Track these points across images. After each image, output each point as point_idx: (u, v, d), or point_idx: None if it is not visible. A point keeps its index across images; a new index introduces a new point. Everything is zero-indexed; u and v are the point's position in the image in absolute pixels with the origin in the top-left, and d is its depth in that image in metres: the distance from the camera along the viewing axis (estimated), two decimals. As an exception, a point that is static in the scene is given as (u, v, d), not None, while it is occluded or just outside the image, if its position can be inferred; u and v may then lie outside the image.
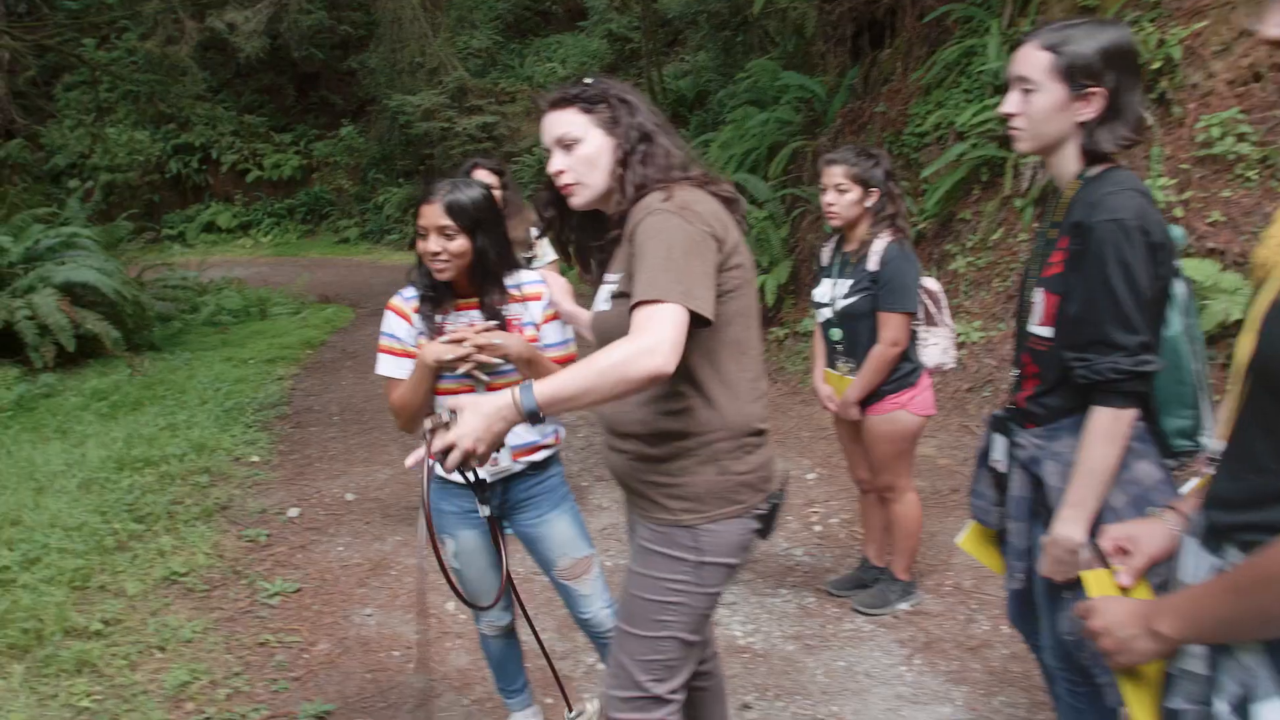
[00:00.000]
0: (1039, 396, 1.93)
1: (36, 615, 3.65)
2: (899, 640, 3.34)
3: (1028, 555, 2.01)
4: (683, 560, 1.86)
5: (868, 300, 3.19)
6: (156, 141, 20.34)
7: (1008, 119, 1.87)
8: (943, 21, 7.10)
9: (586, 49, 19.80)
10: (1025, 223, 5.86)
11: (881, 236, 3.19)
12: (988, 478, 2.16)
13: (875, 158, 3.22)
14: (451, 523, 2.55)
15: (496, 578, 2.63)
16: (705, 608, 1.91)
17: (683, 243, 1.69)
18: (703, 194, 1.83)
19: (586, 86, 1.90)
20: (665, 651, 1.90)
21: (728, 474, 1.85)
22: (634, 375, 1.58)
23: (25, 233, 8.51)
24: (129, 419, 6.44)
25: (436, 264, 2.34)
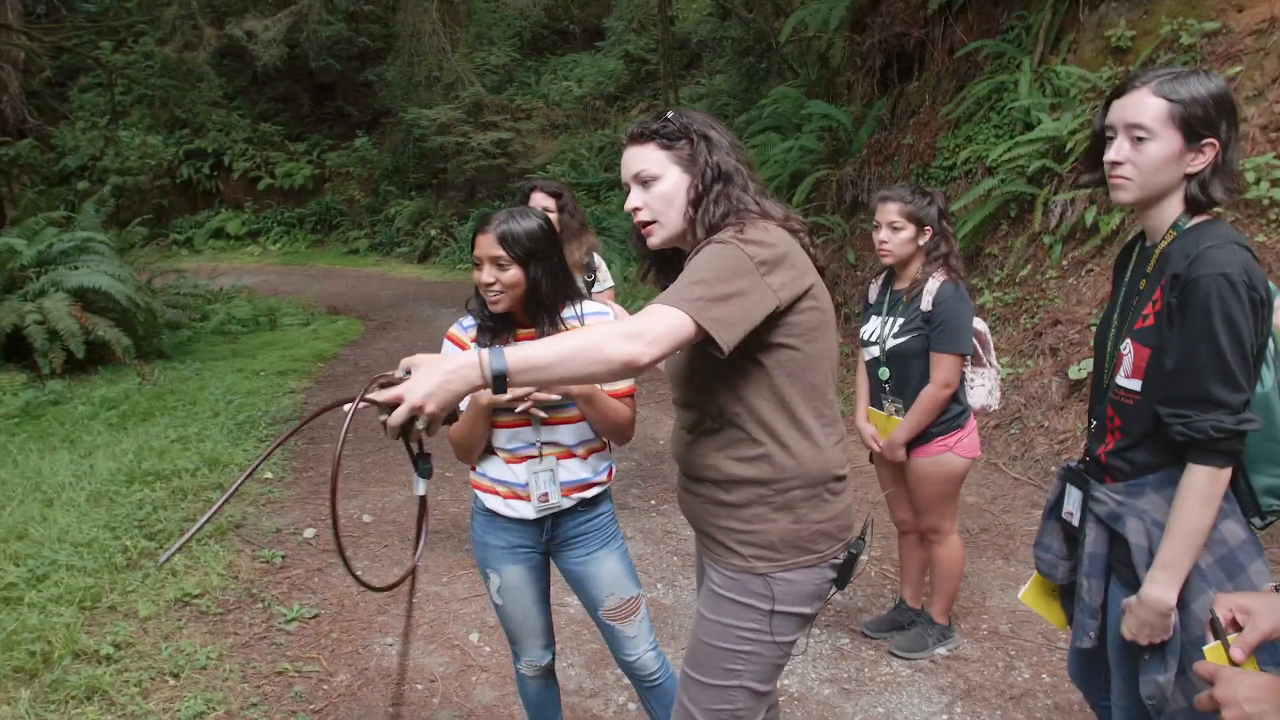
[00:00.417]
0: (1122, 451, 1.86)
1: (45, 636, 3.54)
2: (938, 687, 3.24)
3: (1101, 613, 1.93)
4: (755, 609, 1.81)
5: (920, 340, 3.12)
6: (169, 146, 20.37)
7: (1112, 167, 1.79)
8: (973, 57, 7.09)
9: (603, 69, 19.88)
10: (1054, 260, 5.80)
11: (935, 276, 3.13)
12: (1056, 531, 2.08)
13: (930, 195, 3.17)
14: (497, 557, 2.47)
15: (540, 616, 2.56)
16: (777, 657, 1.85)
17: (724, 266, 1.64)
18: (779, 231, 1.77)
19: (667, 122, 1.84)
20: (734, 701, 1.84)
21: (804, 522, 1.80)
22: (608, 356, 1.51)
23: (39, 236, 8.44)
24: (139, 430, 6.34)
25: (490, 295, 2.29)
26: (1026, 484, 4.95)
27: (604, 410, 2.32)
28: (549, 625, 2.61)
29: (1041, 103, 6.14)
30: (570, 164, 16.77)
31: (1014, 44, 6.76)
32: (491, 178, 18.00)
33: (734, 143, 1.87)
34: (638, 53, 19.11)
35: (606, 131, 17.58)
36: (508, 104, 19.40)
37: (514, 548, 2.46)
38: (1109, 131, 1.80)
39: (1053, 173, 5.93)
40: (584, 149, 17.23)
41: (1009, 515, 4.63)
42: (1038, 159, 5.94)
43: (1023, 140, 6.03)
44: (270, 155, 21.29)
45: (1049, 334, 5.43)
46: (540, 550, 2.48)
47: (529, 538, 2.45)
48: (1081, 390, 5.14)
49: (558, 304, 2.36)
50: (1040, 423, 5.22)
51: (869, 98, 8.32)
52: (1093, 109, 5.82)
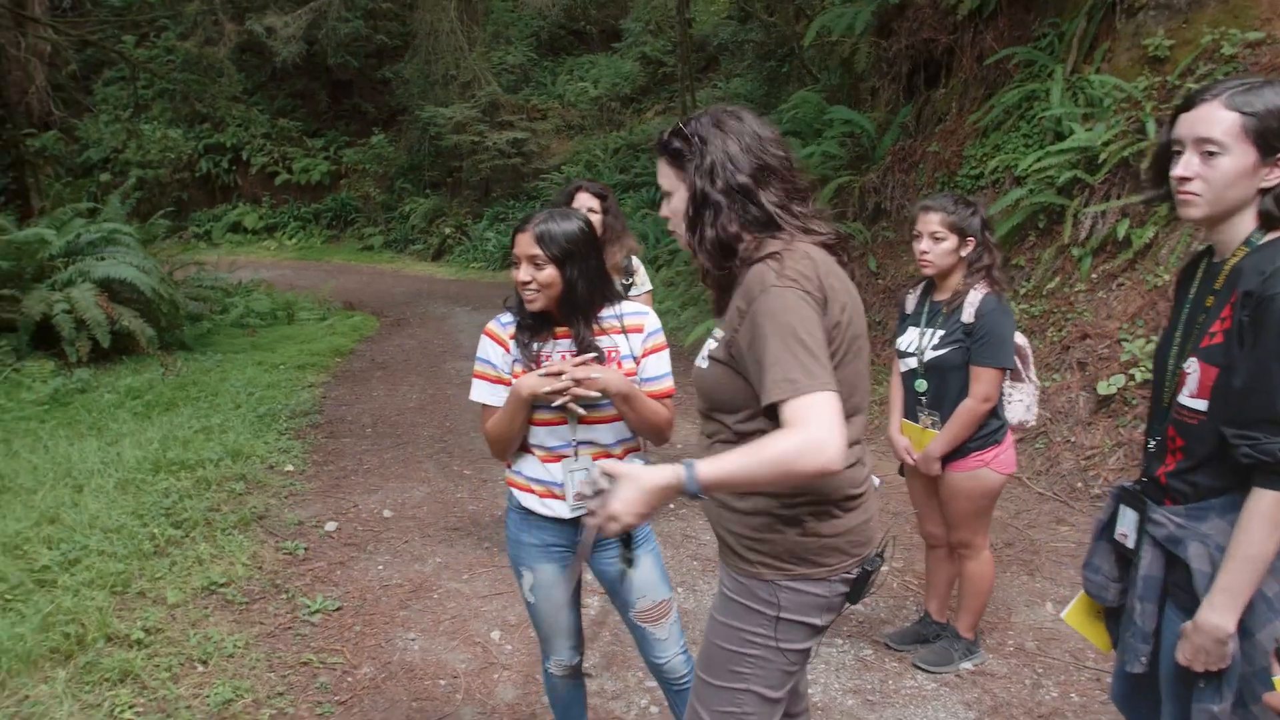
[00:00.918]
0: (1184, 473, 1.82)
1: (78, 619, 3.57)
2: (964, 702, 3.23)
3: (1155, 638, 1.91)
4: (760, 613, 1.81)
5: (960, 353, 3.09)
6: (189, 140, 20.48)
7: (1180, 183, 1.76)
8: (1003, 64, 7.06)
9: (620, 70, 19.89)
10: (1083, 273, 5.78)
11: (977, 288, 3.10)
12: (1107, 552, 2.04)
13: (974, 206, 3.14)
14: (531, 556, 2.48)
15: (571, 616, 2.57)
16: (785, 664, 1.84)
17: (800, 318, 1.62)
18: (810, 250, 1.73)
19: (674, 136, 1.81)
20: (741, 705, 1.84)
21: (812, 536, 1.78)
22: (802, 470, 1.53)
23: (67, 226, 8.50)
24: (163, 419, 6.37)
25: (526, 293, 2.30)
26: (1052, 499, 4.93)
27: (643, 411, 2.33)
28: (579, 626, 2.61)
29: (1074, 112, 6.11)
30: (585, 165, 16.78)
31: (1046, 52, 6.73)
32: (506, 177, 18.04)
33: (753, 144, 1.77)
34: (655, 55, 19.12)
35: (622, 133, 17.60)
36: (524, 104, 19.43)
37: (548, 546, 2.45)
38: (1176, 146, 1.75)
39: (1084, 184, 5.91)
40: (599, 150, 17.24)
41: (1034, 530, 4.62)
42: (1068, 170, 5.91)
43: (1053, 150, 6.00)
44: (288, 151, 21.39)
45: (1077, 348, 5.41)
46: (574, 550, 2.48)
47: (563, 537, 2.45)
48: (1110, 406, 5.12)
49: (593, 306, 2.36)
50: (1066, 438, 5.20)
51: (894, 104, 8.31)
52: (1128, 119, 5.79)
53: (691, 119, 1.82)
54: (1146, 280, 5.43)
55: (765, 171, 1.77)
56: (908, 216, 7.50)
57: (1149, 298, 5.37)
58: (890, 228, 7.77)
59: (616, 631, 3.69)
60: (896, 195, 7.63)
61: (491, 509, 5.14)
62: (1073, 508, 4.81)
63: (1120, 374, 5.13)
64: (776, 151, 1.79)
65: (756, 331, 1.65)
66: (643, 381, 2.38)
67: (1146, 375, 5.00)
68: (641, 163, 15.70)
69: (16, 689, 3.19)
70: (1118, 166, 5.77)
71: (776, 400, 1.58)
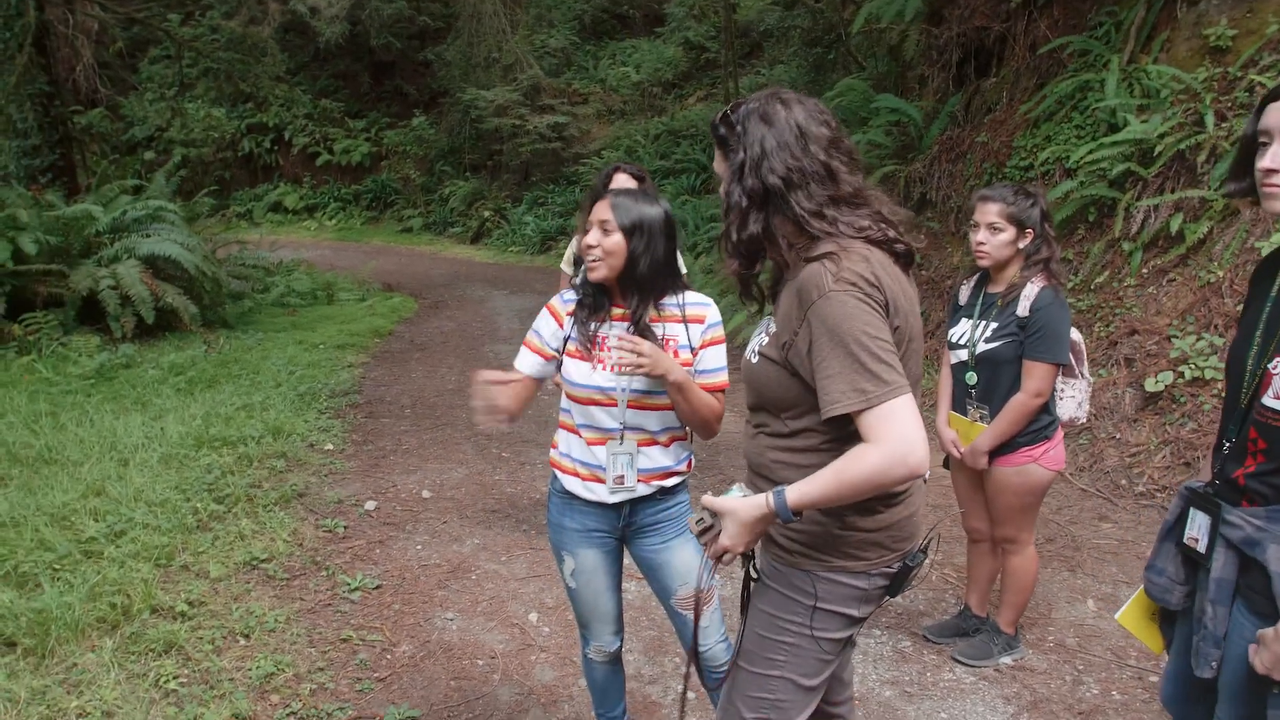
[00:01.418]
0: (1266, 475, 1.75)
1: (124, 590, 3.64)
2: (1003, 696, 3.19)
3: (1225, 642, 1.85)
4: (798, 602, 1.81)
5: (1013, 346, 3.04)
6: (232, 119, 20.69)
7: (1267, 175, 1.69)
8: (1056, 54, 6.92)
9: (662, 56, 19.76)
10: (1133, 268, 5.66)
11: (1035, 281, 3.03)
12: (1173, 554, 1.98)
13: (1034, 197, 3.07)
14: (572, 540, 2.48)
15: (612, 601, 2.57)
16: (820, 653, 1.83)
17: (865, 328, 1.58)
18: (868, 251, 1.68)
19: (724, 119, 1.77)
20: (774, 691, 1.84)
21: (851, 529, 1.76)
22: (892, 481, 1.58)
23: (113, 204, 8.63)
24: (205, 396, 6.47)
25: (590, 258, 2.29)
26: (1094, 495, 4.84)
27: (695, 403, 2.30)
28: (619, 611, 2.61)
29: (1129, 103, 5.97)
30: (626, 150, 16.71)
31: (1102, 41, 6.57)
32: (546, 161, 18.03)
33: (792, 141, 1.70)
34: (698, 40, 18.98)
35: (663, 119, 17.49)
36: (565, 88, 19.40)
37: (589, 531, 2.45)
38: (1263, 137, 1.68)
39: (1137, 177, 5.77)
40: (640, 136, 17.16)
41: (1075, 527, 4.54)
42: (1122, 162, 5.78)
43: (1107, 142, 5.87)
44: (329, 131, 21.53)
45: (1125, 344, 5.31)
46: (615, 536, 2.48)
47: (605, 522, 2.44)
48: (1157, 403, 5.01)
49: (653, 289, 2.33)
50: (1111, 434, 5.10)
51: (943, 93, 8.17)
52: (1185, 111, 5.65)
53: (743, 103, 1.77)
54: (1199, 277, 5.30)
55: (801, 174, 1.69)
56: (953, 207, 7.39)
57: (1201, 294, 5.24)
58: (935, 218, 7.66)
59: (654, 617, 3.69)
60: (943, 185, 7.52)
61: (529, 492, 5.16)
62: (1116, 505, 4.73)
63: (1169, 371, 5.02)
64: (817, 151, 1.71)
65: (817, 339, 1.61)
66: (698, 373, 2.35)
67: (1196, 373, 4.89)
68: (682, 149, 15.61)
69: (65, 656, 3.26)
70: (1173, 159, 5.64)
71: (846, 412, 1.57)
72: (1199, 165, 5.46)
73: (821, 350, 1.60)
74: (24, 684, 3.06)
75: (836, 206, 1.71)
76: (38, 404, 6.02)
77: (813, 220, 1.69)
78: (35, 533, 4.05)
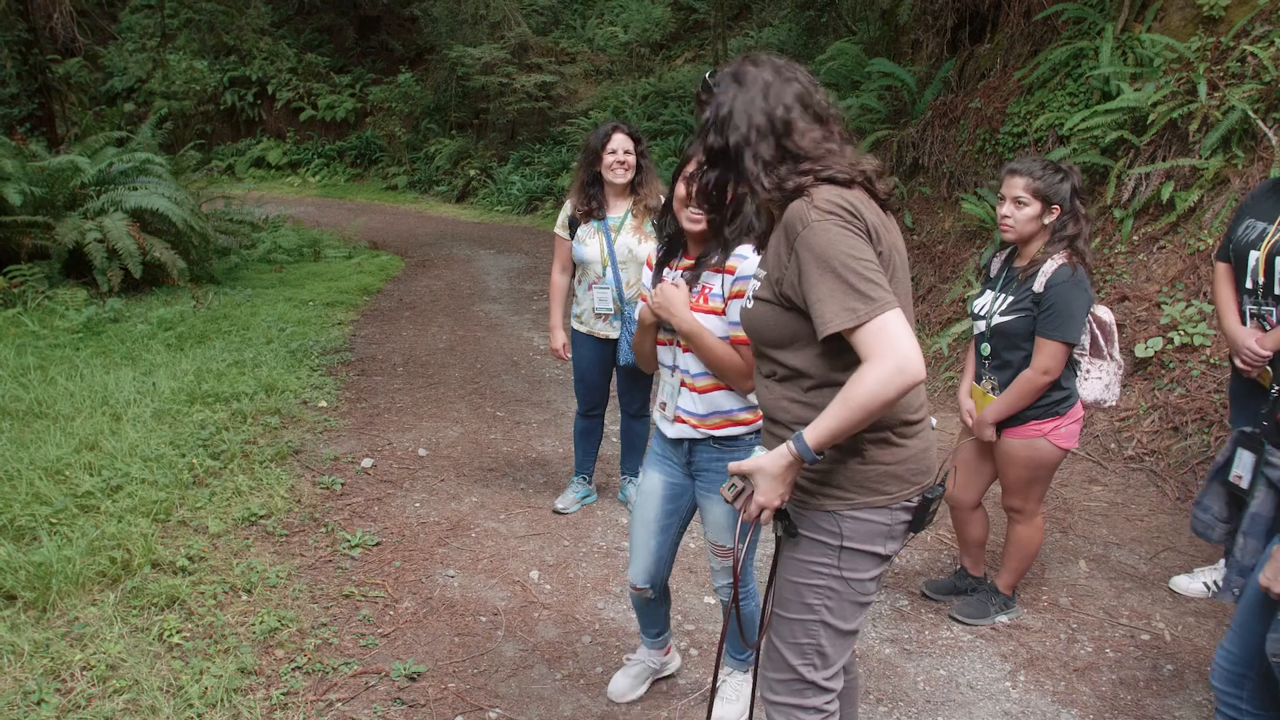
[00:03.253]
0: None
1: (123, 545, 3.64)
2: (1000, 654, 3.26)
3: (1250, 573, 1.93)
4: (826, 544, 1.86)
5: (1025, 321, 3.04)
6: (214, 72, 20.29)
7: None
8: (1050, 21, 6.89)
9: (650, 15, 19.51)
10: (1124, 235, 5.70)
11: (1055, 258, 3.01)
12: (1220, 493, 2.09)
13: (1064, 172, 3.03)
14: (650, 459, 2.72)
15: (653, 539, 2.70)
16: (853, 595, 1.89)
17: (849, 251, 1.66)
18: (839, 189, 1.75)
19: (703, 88, 1.87)
20: (815, 636, 1.91)
21: (872, 463, 1.83)
22: (894, 394, 1.62)
23: (99, 155, 8.47)
24: (196, 352, 6.42)
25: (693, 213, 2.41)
26: (1084, 459, 4.92)
27: (708, 355, 2.40)
28: (658, 556, 2.72)
29: (1123, 72, 5.97)
30: (613, 111, 16.55)
31: (1096, 9, 6.55)
32: (533, 120, 17.84)
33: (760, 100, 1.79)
34: (686, 1, 18.75)
35: (651, 80, 17.32)
36: (553, 46, 19.14)
37: (663, 457, 2.67)
38: None
39: (1129, 145, 5.80)
40: (627, 96, 16.99)
41: (1066, 490, 4.62)
42: (1114, 130, 5.79)
43: (1100, 110, 5.88)
44: (314, 87, 21.18)
45: (1115, 310, 5.35)
46: (683, 470, 2.62)
47: (674, 453, 2.63)
48: (1147, 368, 5.08)
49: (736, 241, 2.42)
50: (1101, 398, 5.17)
51: (937, 58, 8.13)
52: (1178, 80, 5.66)
53: (719, 68, 1.88)
54: (1189, 244, 5.35)
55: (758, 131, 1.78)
56: (945, 172, 7.40)
57: (1190, 262, 5.30)
58: (927, 184, 7.66)
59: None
60: (935, 151, 7.51)
61: (525, 451, 5.18)
62: (1106, 469, 4.81)
63: (1158, 337, 5.08)
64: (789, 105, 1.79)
65: (805, 268, 1.69)
66: (730, 324, 2.40)
67: (1185, 339, 4.96)
68: (670, 110, 15.49)
69: (67, 609, 3.26)
70: (1165, 128, 5.66)
71: (838, 330, 1.65)
72: (1190, 134, 5.48)
73: (810, 277, 1.68)
74: (26, 637, 3.06)
75: (796, 162, 1.77)
76: (25, 357, 5.96)
77: (764, 177, 1.78)
78: (30, 486, 4.04)
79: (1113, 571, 3.84)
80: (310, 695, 2.93)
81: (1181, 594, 3.63)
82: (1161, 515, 4.33)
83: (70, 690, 2.84)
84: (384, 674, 3.07)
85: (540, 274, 10.63)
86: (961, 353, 6.19)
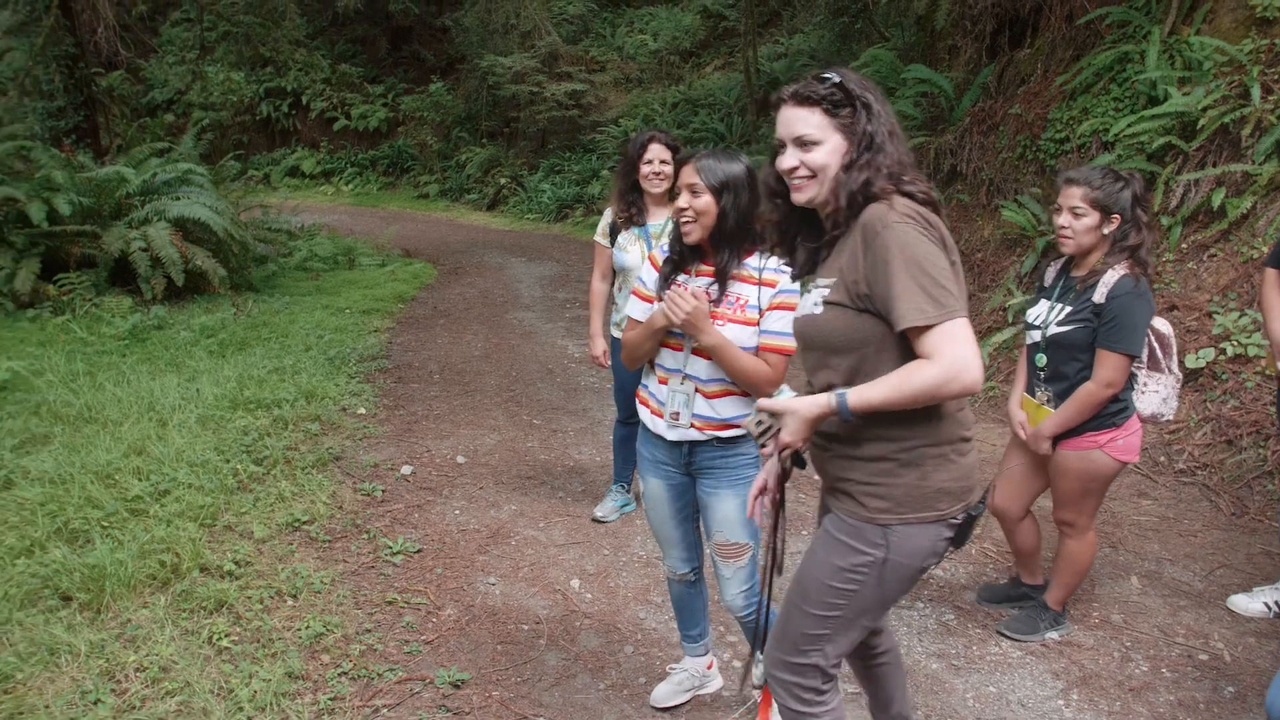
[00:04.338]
0: None
1: (172, 549, 3.67)
2: (1052, 671, 3.20)
3: None
4: (868, 555, 1.91)
5: (1084, 332, 2.98)
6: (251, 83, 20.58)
7: None
8: (1094, 25, 6.81)
9: (680, 24, 19.54)
10: (1172, 243, 5.61)
11: (1117, 268, 2.94)
12: None
13: (1125, 180, 2.97)
14: (644, 467, 2.73)
15: (678, 531, 2.76)
16: (882, 601, 1.97)
17: (927, 255, 1.75)
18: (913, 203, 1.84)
19: (834, 89, 1.89)
20: (829, 629, 1.99)
21: (929, 480, 1.88)
22: (949, 393, 1.71)
23: (144, 166, 8.62)
24: (237, 358, 6.49)
25: (683, 221, 2.44)
26: (1133, 472, 4.83)
27: (732, 366, 2.43)
28: (689, 541, 2.79)
29: (1170, 76, 5.88)
30: (643, 119, 16.58)
31: (1142, 12, 6.46)
32: (563, 129, 17.92)
33: (886, 109, 1.91)
34: (716, 8, 18.74)
35: (680, 88, 17.35)
36: (583, 55, 19.22)
37: (658, 463, 2.67)
38: None
39: (1177, 150, 5.70)
40: (657, 104, 17.02)
41: (1115, 503, 4.53)
42: (1162, 135, 5.70)
43: (1147, 115, 5.79)
44: (347, 97, 21.43)
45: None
46: (681, 472, 2.64)
47: (670, 457, 2.63)
48: (1197, 379, 4.99)
49: (742, 243, 2.46)
50: (1149, 409, 5.08)
51: (975, 64, 8.06)
52: (1229, 84, 5.56)
53: (840, 76, 1.90)
54: (1241, 252, 5.25)
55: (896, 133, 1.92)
56: (984, 179, 7.33)
57: (1243, 270, 5.20)
58: (965, 191, 7.59)
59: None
60: (974, 158, 7.44)
61: (563, 459, 5.17)
62: (1156, 482, 4.72)
63: (1210, 347, 4.99)
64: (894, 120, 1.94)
65: (881, 265, 1.76)
66: (762, 333, 2.45)
67: (1239, 349, 4.86)
68: (700, 118, 15.49)
69: (120, 611, 3.30)
70: (1216, 133, 5.56)
71: (911, 326, 1.72)
72: (1243, 139, 5.38)
73: (889, 274, 1.75)
74: (83, 637, 3.10)
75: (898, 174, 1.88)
76: (75, 363, 6.06)
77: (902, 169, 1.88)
78: (82, 490, 4.09)
79: (1166, 588, 3.75)
80: (356, 701, 2.93)
81: (1240, 613, 3.53)
82: (1215, 531, 4.24)
83: (125, 691, 2.87)
84: (428, 681, 3.07)
85: (571, 282, 10.66)
86: (1003, 362, 6.11)
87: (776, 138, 1.95)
